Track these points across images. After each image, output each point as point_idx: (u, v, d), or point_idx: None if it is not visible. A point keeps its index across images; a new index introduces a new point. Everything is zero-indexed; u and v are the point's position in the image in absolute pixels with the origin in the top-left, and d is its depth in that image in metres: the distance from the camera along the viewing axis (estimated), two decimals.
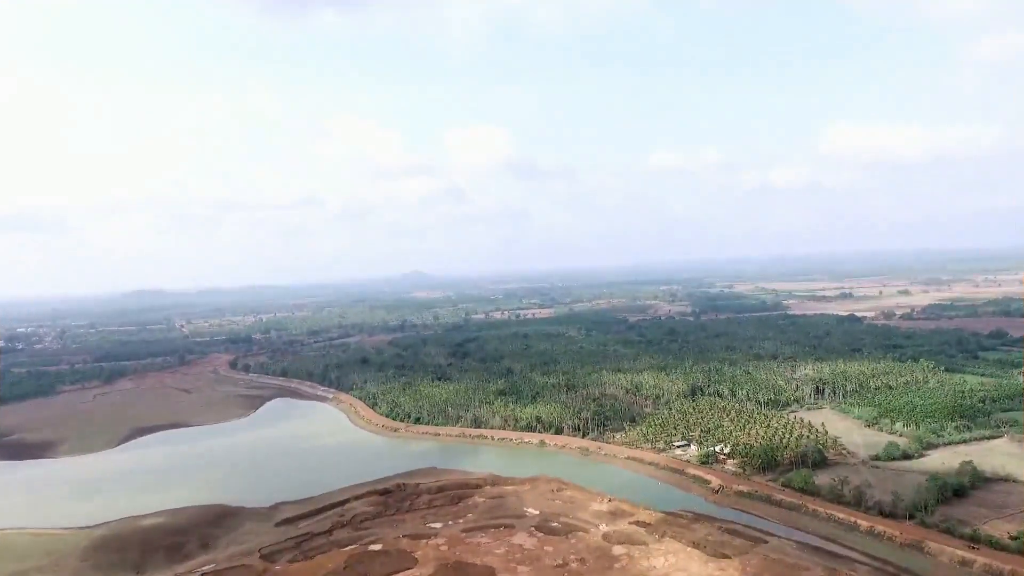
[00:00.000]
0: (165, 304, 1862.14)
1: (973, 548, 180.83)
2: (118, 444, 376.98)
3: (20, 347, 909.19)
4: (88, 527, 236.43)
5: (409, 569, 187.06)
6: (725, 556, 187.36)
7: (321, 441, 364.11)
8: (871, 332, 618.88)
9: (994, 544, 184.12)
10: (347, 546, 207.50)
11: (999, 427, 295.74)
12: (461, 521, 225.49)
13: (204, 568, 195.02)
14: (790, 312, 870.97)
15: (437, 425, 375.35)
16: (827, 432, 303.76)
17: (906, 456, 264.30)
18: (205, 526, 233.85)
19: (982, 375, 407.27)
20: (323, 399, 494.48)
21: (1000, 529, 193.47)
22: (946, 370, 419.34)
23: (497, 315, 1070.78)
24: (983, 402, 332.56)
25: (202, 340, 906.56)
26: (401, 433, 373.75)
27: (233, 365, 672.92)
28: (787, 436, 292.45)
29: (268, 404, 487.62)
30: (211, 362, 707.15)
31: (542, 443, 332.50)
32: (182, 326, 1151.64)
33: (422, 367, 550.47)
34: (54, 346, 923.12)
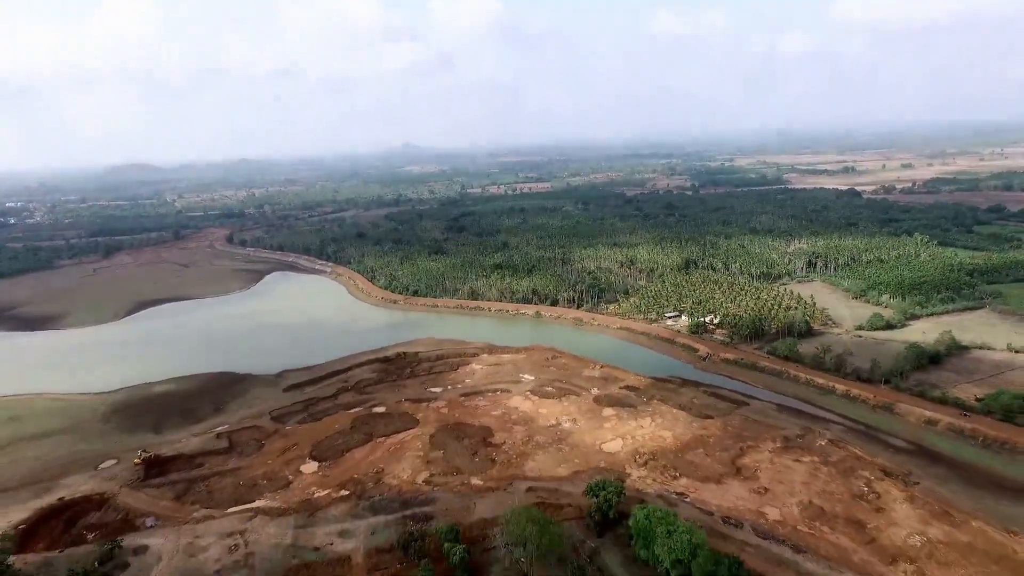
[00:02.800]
0: (153, 179, 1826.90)
1: (964, 415, 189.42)
2: (123, 316, 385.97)
3: (12, 222, 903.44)
4: (104, 393, 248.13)
5: (411, 429, 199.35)
6: (708, 417, 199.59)
7: (322, 313, 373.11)
8: (869, 206, 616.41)
9: (960, 405, 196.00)
10: (352, 409, 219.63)
11: (982, 299, 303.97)
12: (460, 386, 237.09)
13: (218, 429, 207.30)
14: (789, 186, 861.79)
15: (435, 297, 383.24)
16: (815, 303, 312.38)
17: (889, 326, 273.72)
18: (216, 392, 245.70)
19: (974, 249, 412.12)
20: (321, 273, 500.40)
21: (968, 392, 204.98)
22: (939, 244, 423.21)
23: (493, 189, 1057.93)
24: (970, 275, 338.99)
25: (195, 215, 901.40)
26: (400, 305, 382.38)
27: (229, 240, 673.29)
28: (775, 307, 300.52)
29: (267, 278, 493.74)
30: (206, 237, 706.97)
31: (537, 314, 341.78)
32: (174, 201, 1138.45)
33: (418, 241, 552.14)
34: (46, 221, 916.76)
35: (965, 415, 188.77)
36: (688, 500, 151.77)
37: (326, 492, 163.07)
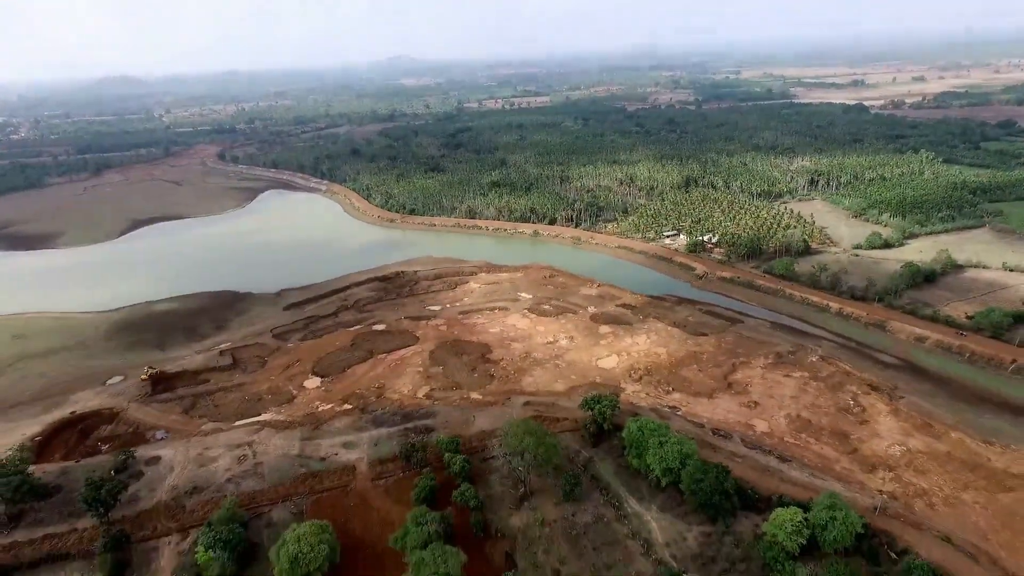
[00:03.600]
0: (137, 93, 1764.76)
1: (961, 335, 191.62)
2: (119, 235, 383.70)
3: None
4: (106, 311, 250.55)
5: (411, 346, 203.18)
6: (703, 334, 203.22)
7: (319, 232, 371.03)
8: (876, 122, 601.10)
9: (950, 323, 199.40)
10: (352, 326, 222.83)
11: (982, 218, 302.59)
12: (458, 305, 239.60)
13: (221, 346, 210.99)
14: (795, 101, 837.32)
15: (432, 216, 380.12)
16: (814, 222, 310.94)
17: (887, 245, 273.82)
18: (216, 310, 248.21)
19: (979, 166, 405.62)
20: (316, 191, 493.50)
21: (959, 310, 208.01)
22: (944, 161, 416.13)
23: (490, 104, 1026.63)
24: (973, 193, 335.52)
25: (184, 131, 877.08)
26: (397, 224, 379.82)
27: (221, 157, 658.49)
28: (774, 226, 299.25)
29: (262, 196, 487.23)
30: (197, 153, 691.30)
31: (535, 233, 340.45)
32: (161, 116, 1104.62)
33: (414, 158, 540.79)
34: (31, 137, 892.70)
35: (962, 335, 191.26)
36: (680, 413, 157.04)
37: (329, 406, 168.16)
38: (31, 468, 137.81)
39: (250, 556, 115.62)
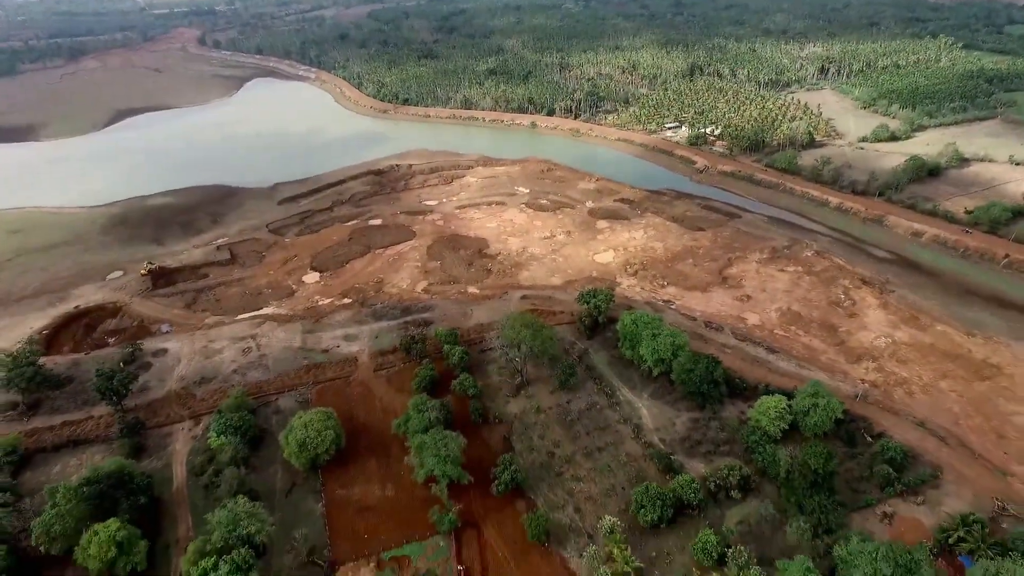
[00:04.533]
0: None
1: (966, 232, 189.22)
2: (103, 127, 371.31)
3: None
4: (100, 206, 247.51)
5: (408, 241, 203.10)
6: (700, 229, 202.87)
7: (310, 123, 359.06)
8: (894, 4, 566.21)
9: (949, 217, 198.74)
10: (349, 221, 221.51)
11: (996, 108, 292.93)
12: (455, 199, 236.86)
13: (218, 241, 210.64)
14: None
15: (427, 106, 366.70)
16: (821, 114, 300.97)
17: (894, 138, 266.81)
18: (211, 205, 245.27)
19: (1000, 52, 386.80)
20: (305, 79, 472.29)
21: (959, 205, 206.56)
22: (964, 47, 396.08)
23: None
24: (989, 82, 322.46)
25: (161, 12, 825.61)
26: (390, 115, 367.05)
27: (202, 42, 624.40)
28: (780, 118, 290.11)
29: (248, 85, 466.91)
30: (177, 38, 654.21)
31: (533, 125, 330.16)
32: None
33: (406, 44, 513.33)
34: None
35: (967, 232, 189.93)
36: (674, 307, 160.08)
37: (329, 300, 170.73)
38: (42, 360, 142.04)
39: (260, 441, 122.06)
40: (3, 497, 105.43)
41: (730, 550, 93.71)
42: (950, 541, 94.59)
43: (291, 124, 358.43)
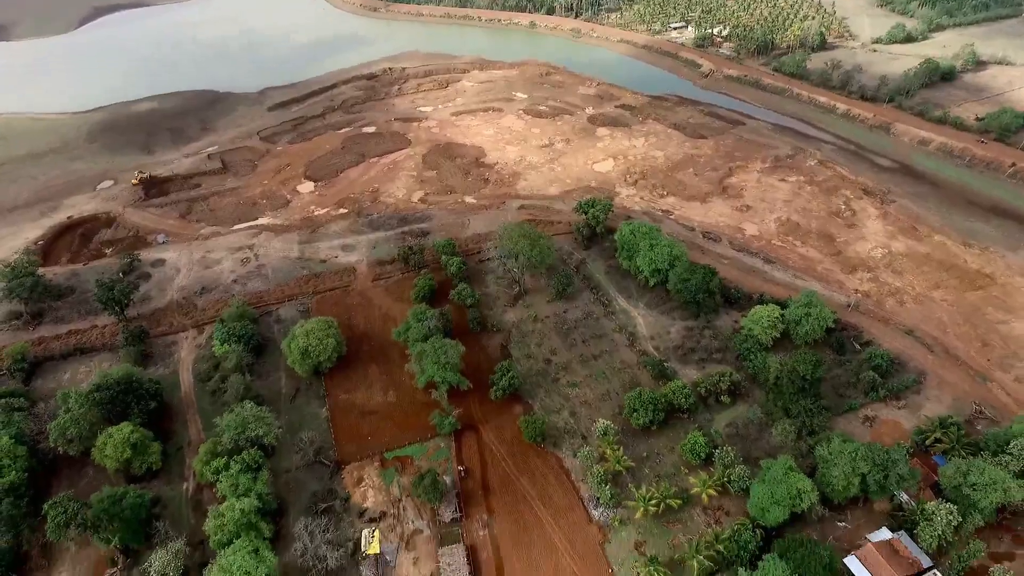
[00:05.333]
0: None
1: (981, 142, 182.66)
2: (78, 25, 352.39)
3: None
4: (84, 111, 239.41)
5: (403, 149, 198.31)
6: (702, 137, 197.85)
7: (296, 21, 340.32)
8: None
9: (958, 125, 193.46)
10: (341, 128, 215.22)
11: (1020, 4, 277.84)
12: (450, 105, 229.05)
13: (208, 150, 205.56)
14: None
15: (420, 4, 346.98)
16: (835, 13, 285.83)
17: (910, 39, 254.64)
18: (199, 111, 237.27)
19: None
20: None
21: (970, 111, 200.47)
22: None
23: None
24: None
25: None
26: (381, 13, 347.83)
27: None
28: (791, 17, 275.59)
29: None
30: None
31: (532, 24, 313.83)
32: None
33: None
34: None
35: (981, 142, 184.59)
36: (673, 217, 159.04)
37: (325, 210, 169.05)
38: (40, 271, 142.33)
39: (263, 349, 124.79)
40: (18, 402, 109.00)
41: (717, 450, 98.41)
42: (927, 442, 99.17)
43: (277, 23, 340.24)
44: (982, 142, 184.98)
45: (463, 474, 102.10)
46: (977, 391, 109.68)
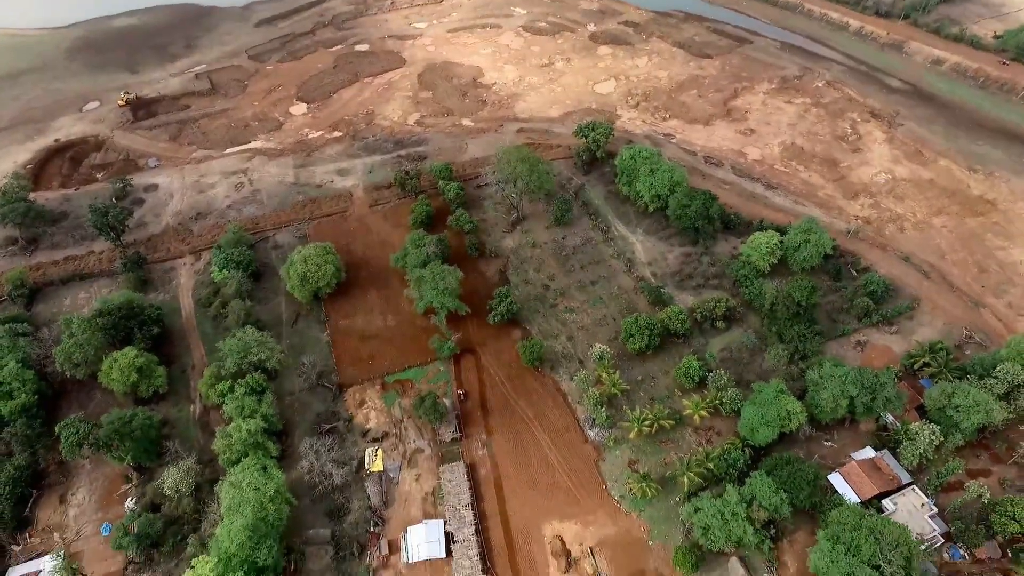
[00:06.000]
0: None
1: (1003, 64, 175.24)
2: None
3: None
4: (61, 27, 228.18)
5: (398, 68, 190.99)
6: (707, 56, 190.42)
7: None
8: None
9: (974, 43, 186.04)
10: (333, 46, 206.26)
11: None
12: (446, 21, 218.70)
13: (195, 69, 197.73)
14: None
15: None
16: None
17: None
18: (183, 27, 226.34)
19: None
20: None
21: (988, 28, 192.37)
22: None
23: None
24: None
25: None
26: None
27: None
28: None
29: None
30: None
31: None
32: None
33: None
34: None
35: (1004, 63, 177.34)
36: (674, 141, 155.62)
37: (319, 133, 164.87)
38: (32, 196, 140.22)
39: (261, 275, 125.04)
40: (21, 327, 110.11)
41: (711, 374, 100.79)
42: (915, 366, 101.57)
43: None
44: (1004, 63, 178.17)
45: (462, 398, 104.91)
46: (969, 317, 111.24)
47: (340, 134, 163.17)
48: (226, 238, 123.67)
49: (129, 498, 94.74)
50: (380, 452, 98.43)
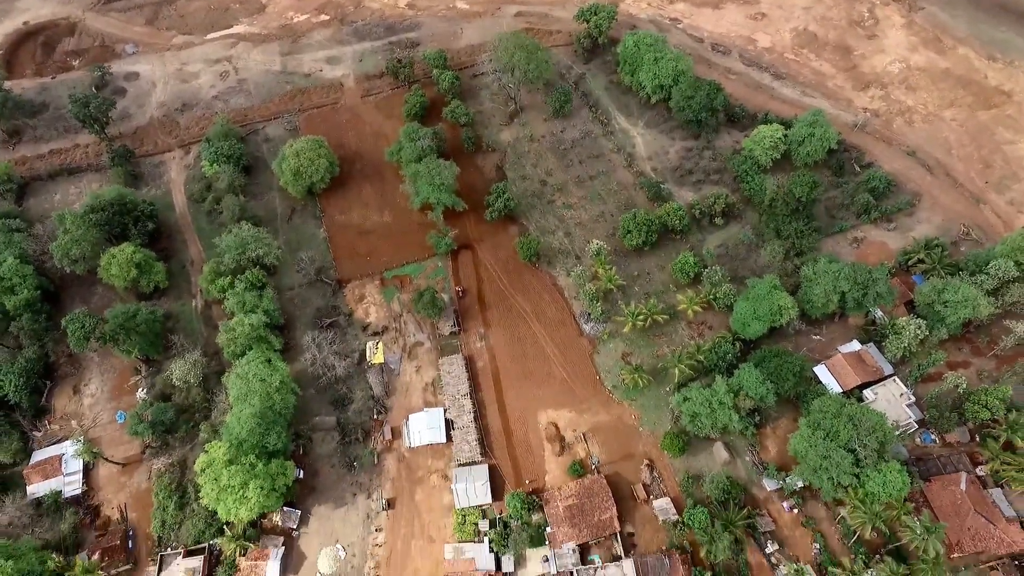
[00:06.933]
0: None
1: None
2: None
3: None
4: None
5: None
6: None
7: None
8: None
9: None
10: None
11: None
12: None
13: None
14: None
15: None
16: None
17: None
18: None
19: None
20: None
21: None
22: None
23: None
24: None
25: None
26: None
27: None
28: None
29: None
30: None
31: None
32: None
33: None
34: None
35: None
36: (681, 26, 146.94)
37: (305, 17, 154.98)
38: (7, 85, 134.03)
39: (253, 169, 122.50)
40: (15, 223, 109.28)
41: (706, 270, 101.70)
42: (909, 263, 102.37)
43: None
44: None
45: (461, 295, 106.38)
46: (969, 213, 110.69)
47: (327, 18, 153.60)
48: (214, 131, 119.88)
49: (140, 388, 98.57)
50: (381, 345, 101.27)
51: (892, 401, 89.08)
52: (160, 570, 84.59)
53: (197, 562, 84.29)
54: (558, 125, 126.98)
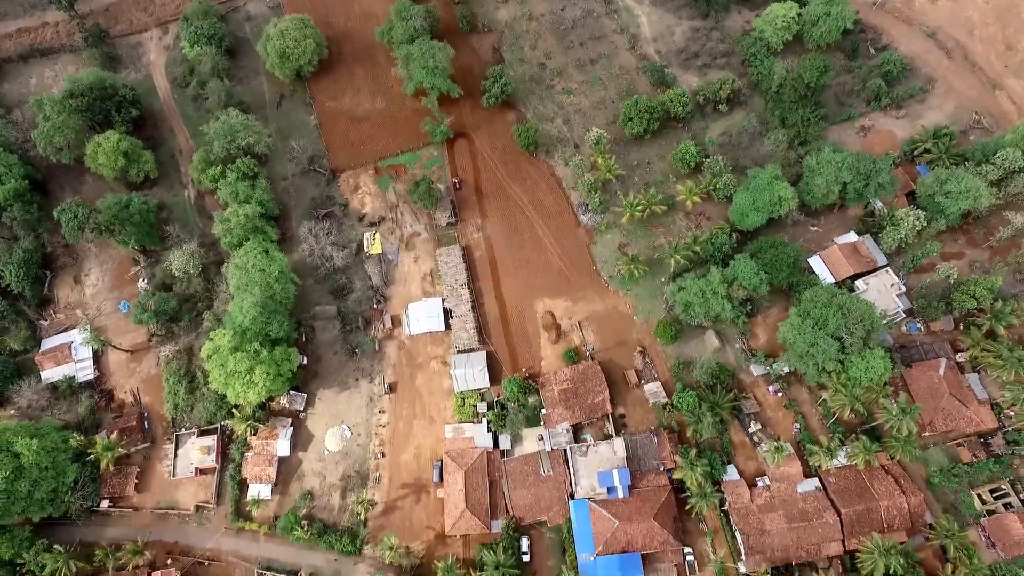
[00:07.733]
0: None
1: None
2: None
3: None
4: None
5: None
6: None
7: None
8: None
9: None
10: None
11: None
12: None
13: None
14: None
15: None
16: None
17: None
18: None
19: None
20: None
21: None
22: None
23: None
24: None
25: None
26: None
27: None
28: None
29: None
30: None
31: None
32: None
33: None
34: None
35: None
36: None
37: None
38: None
39: (237, 51, 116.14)
40: None
41: (708, 159, 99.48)
42: (915, 152, 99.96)
43: None
44: None
45: (457, 186, 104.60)
46: (983, 100, 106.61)
47: None
48: (192, 8, 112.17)
49: (141, 279, 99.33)
50: (378, 236, 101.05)
51: (883, 291, 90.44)
52: (177, 448, 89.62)
53: (211, 440, 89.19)
54: (558, 3, 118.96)
